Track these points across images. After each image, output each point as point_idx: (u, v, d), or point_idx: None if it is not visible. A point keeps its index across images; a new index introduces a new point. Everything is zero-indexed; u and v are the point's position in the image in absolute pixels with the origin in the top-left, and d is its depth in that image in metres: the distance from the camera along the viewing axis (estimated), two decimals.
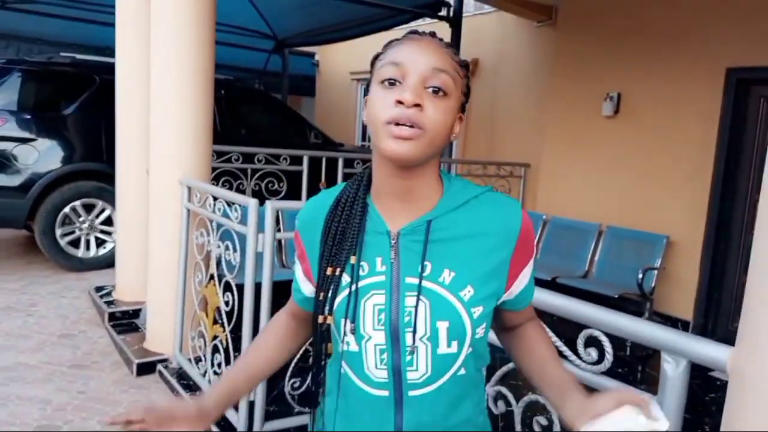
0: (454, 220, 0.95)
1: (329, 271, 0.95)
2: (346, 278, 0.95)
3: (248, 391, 1.19)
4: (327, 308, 0.96)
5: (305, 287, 1.07)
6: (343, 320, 0.94)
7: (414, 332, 0.92)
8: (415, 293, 0.92)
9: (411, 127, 0.86)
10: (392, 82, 0.88)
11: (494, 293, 0.97)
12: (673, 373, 1.16)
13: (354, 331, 0.94)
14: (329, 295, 0.96)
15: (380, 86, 0.89)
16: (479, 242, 0.95)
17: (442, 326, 0.92)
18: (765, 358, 0.98)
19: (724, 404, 1.09)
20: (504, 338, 1.15)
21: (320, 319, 0.97)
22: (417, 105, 0.86)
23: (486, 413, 1.09)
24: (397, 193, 0.95)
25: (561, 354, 1.43)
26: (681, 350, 1.15)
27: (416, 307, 0.92)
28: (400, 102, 0.86)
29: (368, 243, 0.96)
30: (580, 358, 1.35)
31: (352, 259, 0.94)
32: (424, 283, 0.93)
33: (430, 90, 0.88)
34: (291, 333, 1.17)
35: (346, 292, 0.94)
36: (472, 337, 0.95)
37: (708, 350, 1.11)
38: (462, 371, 0.97)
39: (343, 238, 0.95)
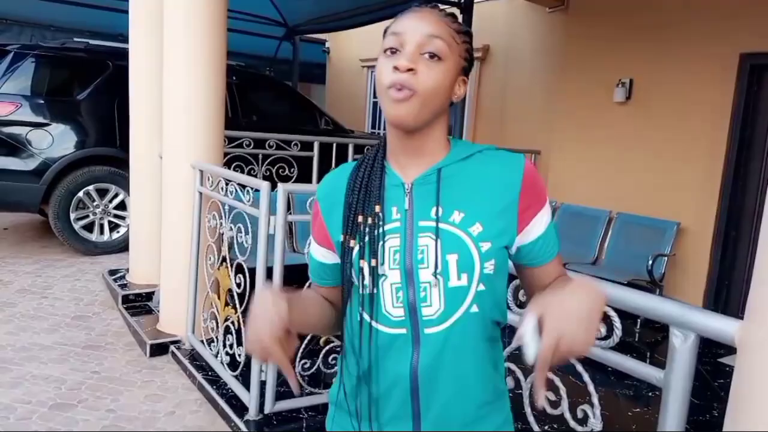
0: (461, 169, 1.03)
1: (360, 218, 1.02)
2: (368, 224, 1.02)
3: (301, 322, 1.04)
4: (366, 252, 1.01)
5: (326, 255, 1.12)
6: (362, 261, 1.01)
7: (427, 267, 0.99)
8: (427, 234, 0.99)
9: (409, 90, 0.94)
10: (393, 51, 0.97)
11: (503, 232, 1.01)
12: (681, 346, 1.17)
13: (373, 271, 1.00)
14: (365, 240, 1.01)
15: (383, 55, 0.99)
16: (485, 187, 1.02)
17: (452, 259, 0.98)
18: None
19: (732, 378, 1.10)
20: None
21: (361, 263, 1.01)
22: (410, 70, 0.94)
23: (505, 380, 1.12)
24: (408, 151, 1.04)
25: None
26: (689, 324, 1.16)
27: (438, 243, 0.98)
28: (396, 68, 0.94)
29: (385, 196, 1.04)
30: None
31: (377, 208, 1.01)
32: (434, 224, 1.00)
33: (426, 55, 0.96)
34: (328, 306, 1.16)
35: (368, 237, 1.01)
36: (481, 272, 0.99)
37: (716, 323, 1.12)
38: (474, 308, 1.00)
39: (367, 191, 1.03)
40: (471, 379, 1.03)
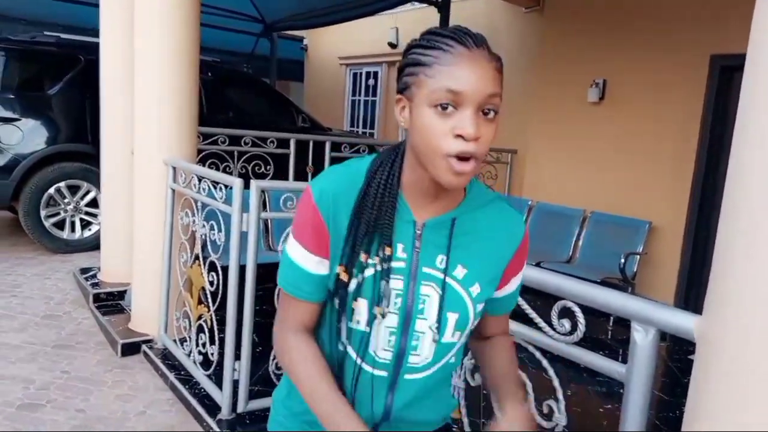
0: (471, 220, 1.01)
1: (363, 257, 0.95)
2: (373, 260, 0.96)
3: None
4: (360, 291, 0.96)
5: (321, 265, 0.99)
6: (358, 300, 0.96)
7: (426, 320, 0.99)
8: (431, 283, 0.97)
9: (472, 159, 0.87)
10: (445, 107, 0.87)
11: (491, 294, 1.04)
12: (642, 341, 1.19)
13: (384, 314, 0.96)
14: (361, 279, 0.95)
15: (433, 110, 0.87)
16: (489, 244, 1.01)
17: (452, 317, 0.98)
18: (730, 325, 1.01)
19: (692, 372, 1.12)
20: (475, 346, 1.19)
21: (356, 303, 0.96)
22: (477, 138, 0.86)
23: (451, 391, 1.17)
24: (429, 191, 0.97)
25: (535, 326, 1.47)
26: (650, 319, 1.18)
27: (442, 298, 0.98)
28: (460, 135, 0.86)
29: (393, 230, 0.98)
30: (554, 329, 1.38)
31: (387, 250, 0.95)
32: (439, 275, 0.98)
33: (482, 113, 0.88)
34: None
35: (371, 271, 0.96)
36: (470, 330, 1.03)
37: (676, 318, 1.13)
38: (452, 359, 1.05)
39: (376, 226, 0.95)
40: (435, 407, 1.09)
